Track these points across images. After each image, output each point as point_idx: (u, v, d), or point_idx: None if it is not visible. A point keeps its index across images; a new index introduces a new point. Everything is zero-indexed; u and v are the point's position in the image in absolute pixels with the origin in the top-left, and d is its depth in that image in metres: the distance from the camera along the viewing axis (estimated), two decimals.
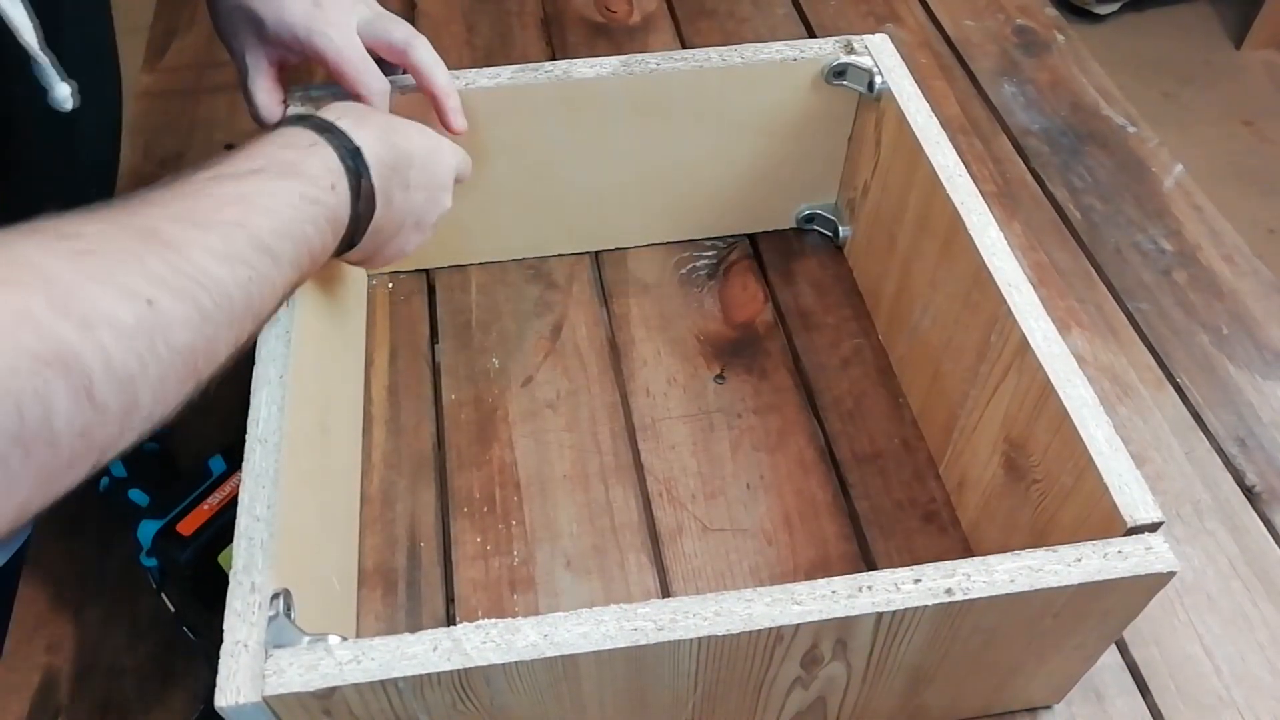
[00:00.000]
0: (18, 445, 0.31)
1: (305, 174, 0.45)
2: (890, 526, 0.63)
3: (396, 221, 0.54)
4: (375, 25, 0.59)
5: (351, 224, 0.49)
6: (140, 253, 0.36)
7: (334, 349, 0.63)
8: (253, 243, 0.40)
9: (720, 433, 0.68)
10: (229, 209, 0.40)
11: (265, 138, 0.46)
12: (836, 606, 0.43)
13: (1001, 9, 1.02)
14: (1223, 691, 0.57)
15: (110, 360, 0.33)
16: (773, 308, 0.76)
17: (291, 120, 0.49)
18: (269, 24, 0.57)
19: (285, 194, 0.43)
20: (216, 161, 0.43)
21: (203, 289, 0.37)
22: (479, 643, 0.41)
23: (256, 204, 0.42)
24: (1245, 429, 0.69)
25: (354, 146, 0.49)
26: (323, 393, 0.58)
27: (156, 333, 0.35)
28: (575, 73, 0.67)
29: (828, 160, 0.76)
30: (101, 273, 0.34)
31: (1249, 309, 0.76)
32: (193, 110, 0.89)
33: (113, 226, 0.37)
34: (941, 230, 0.62)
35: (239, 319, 0.40)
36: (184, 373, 0.37)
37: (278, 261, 0.42)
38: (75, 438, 0.33)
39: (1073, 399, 0.51)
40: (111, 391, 0.33)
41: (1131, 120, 0.90)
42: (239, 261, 0.39)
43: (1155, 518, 0.46)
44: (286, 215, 0.43)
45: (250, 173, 0.43)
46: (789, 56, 0.69)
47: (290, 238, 0.43)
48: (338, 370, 0.63)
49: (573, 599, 0.60)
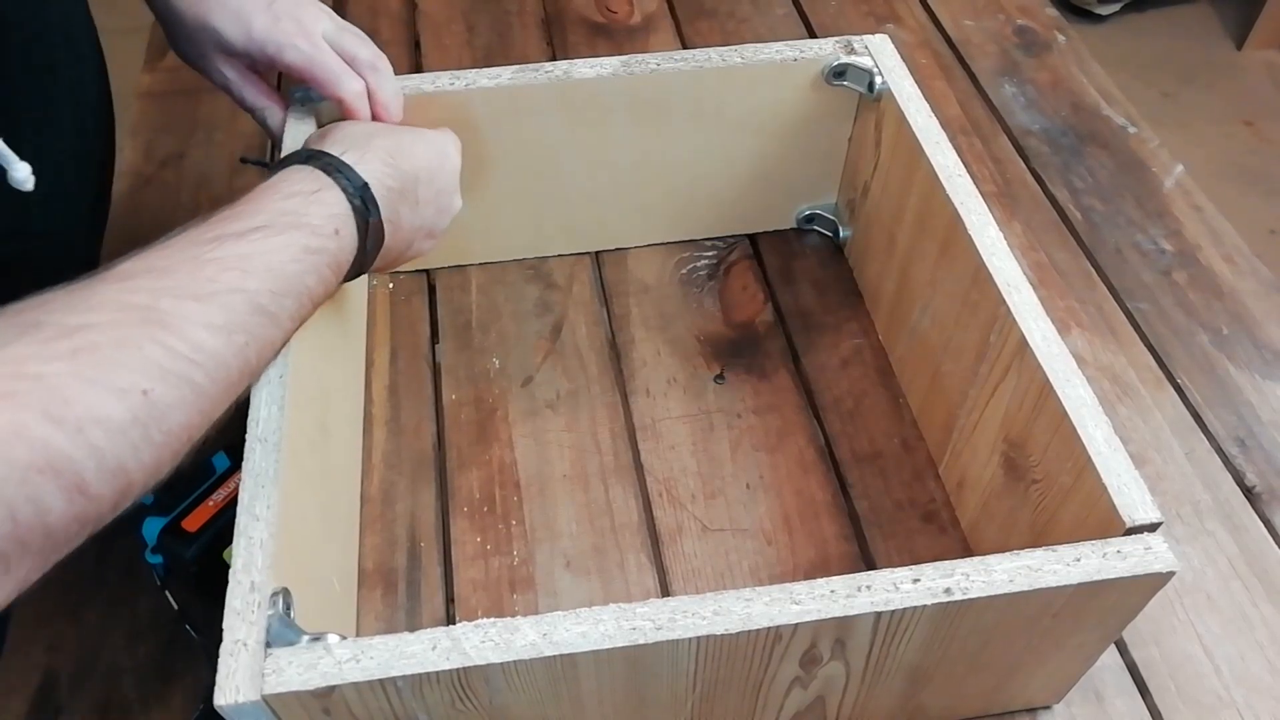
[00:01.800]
0: (15, 543, 0.33)
1: (308, 224, 0.45)
2: (890, 526, 0.63)
3: (406, 240, 0.55)
4: (340, 40, 0.59)
5: (358, 259, 0.49)
6: (139, 340, 0.38)
7: (334, 349, 0.63)
8: (251, 307, 0.42)
9: (720, 433, 0.68)
10: (228, 274, 0.41)
11: (270, 185, 0.47)
12: (835, 606, 0.43)
13: (1002, 9, 1.02)
14: (1222, 692, 0.57)
15: (103, 457, 0.35)
16: (773, 308, 0.76)
17: (297, 158, 0.49)
18: (237, 43, 0.57)
19: (287, 249, 0.44)
20: (220, 217, 0.44)
21: (199, 368, 0.39)
22: (478, 642, 0.41)
23: (257, 265, 0.42)
24: (1245, 429, 0.69)
25: (361, 182, 0.49)
26: (323, 393, 0.58)
27: (151, 422, 0.37)
28: (576, 73, 0.67)
29: (828, 160, 0.76)
30: (98, 372, 0.36)
31: (1249, 309, 0.76)
32: (193, 110, 0.89)
33: (112, 312, 0.38)
34: (941, 230, 0.62)
35: (234, 385, 0.42)
36: (177, 448, 0.39)
37: (276, 320, 0.43)
38: (70, 524, 0.35)
39: (1072, 399, 0.51)
40: (105, 482, 0.36)
41: (1132, 120, 0.90)
42: (237, 330, 0.41)
43: (1154, 518, 0.46)
44: (288, 272, 0.44)
45: (252, 230, 0.43)
46: (789, 57, 0.69)
47: (291, 294, 0.44)
48: (338, 370, 0.63)
49: (572, 599, 0.60)
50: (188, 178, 0.84)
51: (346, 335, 0.67)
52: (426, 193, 0.55)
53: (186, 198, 0.82)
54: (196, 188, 0.83)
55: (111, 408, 0.36)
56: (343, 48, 0.59)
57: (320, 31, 0.58)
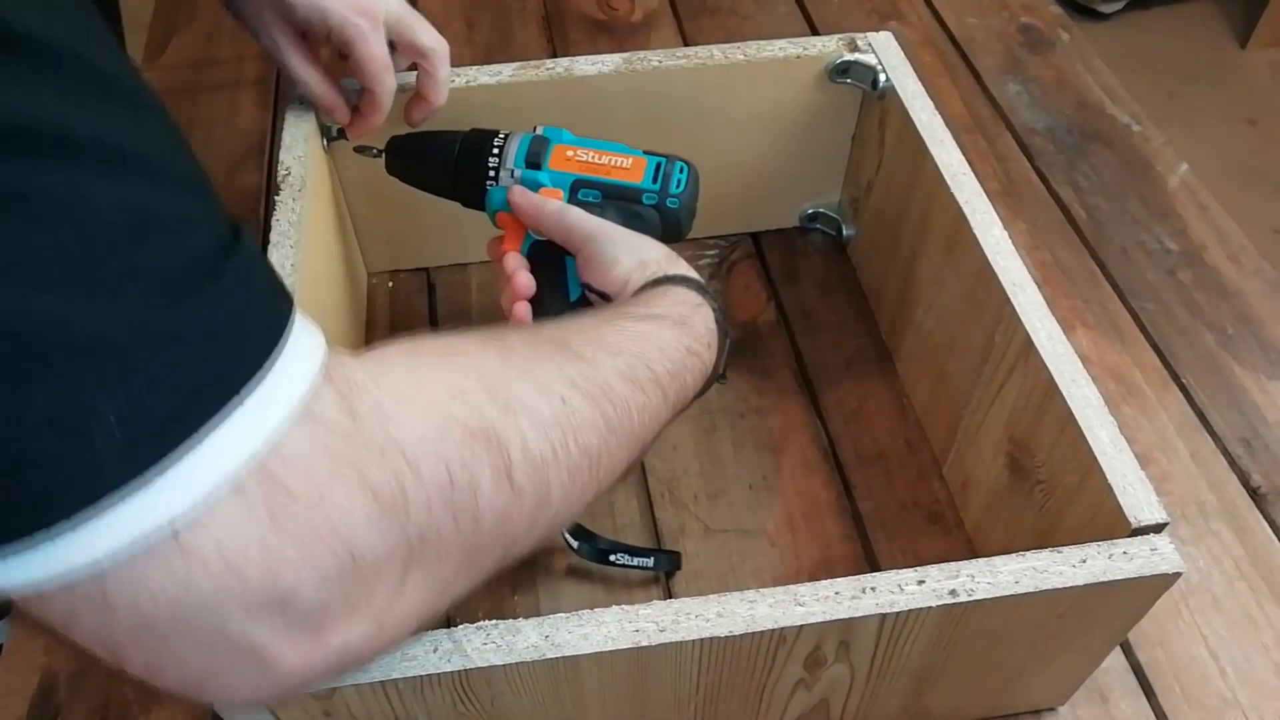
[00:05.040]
0: (448, 510, 0.32)
1: (693, 329, 0.48)
2: (894, 527, 0.63)
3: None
4: (403, 25, 0.59)
5: (712, 375, 0.50)
6: (557, 358, 0.39)
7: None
8: (651, 376, 0.43)
9: (723, 433, 0.67)
10: (631, 344, 0.43)
11: (660, 291, 0.49)
12: (840, 608, 0.43)
13: (1006, 7, 1.01)
14: (1228, 693, 0.57)
15: (528, 445, 0.35)
16: (775, 307, 0.75)
17: (675, 279, 0.51)
18: (299, 6, 0.56)
19: (676, 342, 0.46)
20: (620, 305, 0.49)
21: (609, 401, 0.40)
22: (479, 644, 0.41)
23: (653, 344, 0.44)
24: (1250, 429, 0.68)
25: (721, 306, 0.51)
26: None
27: (568, 430, 0.37)
28: (577, 70, 0.67)
29: (831, 159, 0.76)
30: (524, 368, 0.37)
31: (1254, 309, 0.75)
32: (191, 109, 0.88)
33: (529, 341, 0.40)
34: (945, 229, 0.61)
35: (634, 440, 0.42)
36: (588, 475, 0.38)
37: (666, 398, 0.44)
38: (495, 519, 0.34)
39: (1077, 399, 0.50)
40: (527, 476, 0.35)
41: (1136, 119, 0.90)
42: (639, 388, 0.42)
43: (1160, 518, 0.46)
44: (676, 360, 0.45)
45: (649, 317, 0.46)
46: (792, 54, 0.69)
47: (677, 380, 0.45)
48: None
49: (574, 600, 0.59)
50: None
51: (346, 335, 0.67)
52: None
53: None
54: None
55: (537, 400, 0.36)
56: (403, 34, 0.59)
57: (384, 10, 0.58)
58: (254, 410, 0.27)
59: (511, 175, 0.58)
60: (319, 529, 0.28)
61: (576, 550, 0.59)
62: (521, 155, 0.58)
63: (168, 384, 0.25)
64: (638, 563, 0.59)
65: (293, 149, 0.61)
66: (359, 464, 0.29)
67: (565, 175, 0.57)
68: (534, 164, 0.58)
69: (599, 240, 0.54)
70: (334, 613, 0.29)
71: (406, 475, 0.30)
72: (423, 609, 0.33)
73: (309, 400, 0.28)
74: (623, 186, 0.57)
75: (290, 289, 0.53)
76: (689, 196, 0.58)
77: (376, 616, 0.31)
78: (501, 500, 0.34)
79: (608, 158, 0.58)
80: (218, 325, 0.26)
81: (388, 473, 0.30)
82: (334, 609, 0.29)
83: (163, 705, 0.55)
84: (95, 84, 0.25)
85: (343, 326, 0.66)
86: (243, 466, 0.26)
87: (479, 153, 0.59)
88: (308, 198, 0.59)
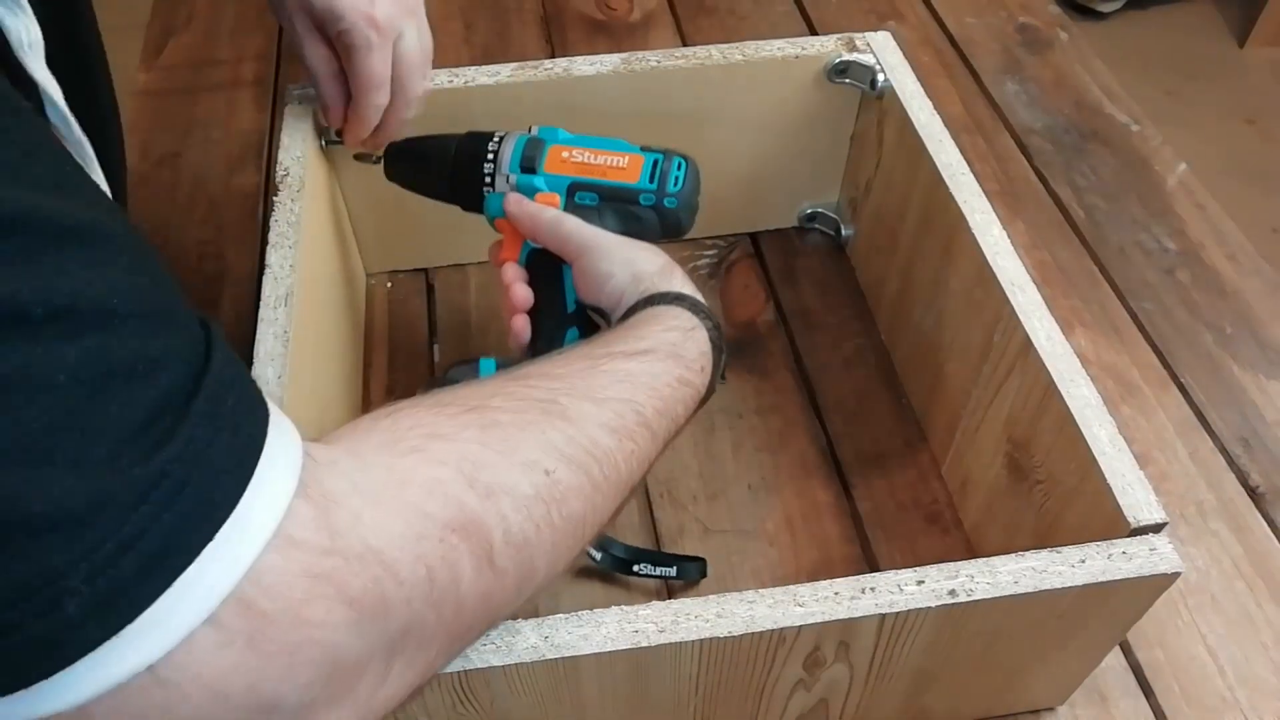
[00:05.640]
0: (430, 607, 0.32)
1: (684, 358, 0.47)
2: (893, 528, 0.63)
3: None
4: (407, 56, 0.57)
5: (706, 395, 0.50)
6: (542, 425, 0.39)
7: (333, 349, 0.63)
8: (639, 420, 0.43)
9: (722, 433, 0.67)
10: (619, 386, 0.43)
11: (653, 315, 0.49)
12: (839, 608, 0.43)
13: (1004, 6, 1.01)
14: (1226, 693, 0.57)
15: (509, 529, 0.35)
16: (774, 307, 0.75)
17: (669, 299, 0.50)
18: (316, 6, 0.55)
19: (666, 375, 0.46)
20: (610, 337, 0.47)
21: (595, 461, 0.40)
22: (479, 645, 0.41)
23: (643, 384, 0.44)
24: (1249, 429, 0.68)
25: (716, 322, 0.51)
26: (321, 394, 0.58)
27: (553, 503, 0.37)
28: (575, 70, 0.67)
29: (830, 158, 0.76)
30: (507, 445, 0.37)
31: (1253, 308, 0.75)
32: (189, 109, 0.88)
33: (516, 400, 0.39)
34: (944, 229, 0.61)
35: (621, 489, 0.42)
36: (574, 539, 0.39)
37: (654, 437, 0.44)
38: (477, 601, 0.34)
39: (1076, 399, 0.50)
40: (510, 557, 0.35)
41: (1135, 118, 0.90)
42: (626, 436, 0.42)
43: (1159, 518, 0.46)
44: (666, 395, 0.45)
45: (640, 353, 0.46)
46: (790, 54, 0.69)
47: (668, 416, 0.45)
48: (337, 370, 0.63)
49: (574, 600, 0.59)
50: (184, 177, 0.83)
51: (346, 335, 0.67)
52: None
53: (183, 197, 0.82)
54: (193, 187, 0.83)
55: (518, 479, 0.36)
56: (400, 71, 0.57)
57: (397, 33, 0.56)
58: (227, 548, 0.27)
59: (507, 180, 0.57)
60: (299, 645, 0.29)
61: (598, 562, 0.58)
62: (516, 159, 0.57)
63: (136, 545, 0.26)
64: (660, 572, 0.58)
65: (291, 149, 0.61)
66: (337, 578, 0.30)
67: (561, 178, 0.57)
68: (529, 168, 0.57)
69: (593, 254, 0.53)
70: (319, 708, 0.30)
71: (386, 581, 0.31)
72: (407, 689, 0.34)
73: (285, 524, 0.29)
74: (619, 188, 0.56)
75: (289, 290, 0.53)
76: (688, 193, 0.57)
77: (359, 708, 0.32)
78: (483, 584, 0.34)
79: (604, 157, 0.57)
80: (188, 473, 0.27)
81: (367, 581, 0.30)
82: (319, 706, 0.30)
83: None
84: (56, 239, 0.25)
85: (342, 327, 0.66)
86: (219, 604, 0.27)
87: (474, 158, 0.58)
88: (306, 198, 0.59)
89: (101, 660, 0.26)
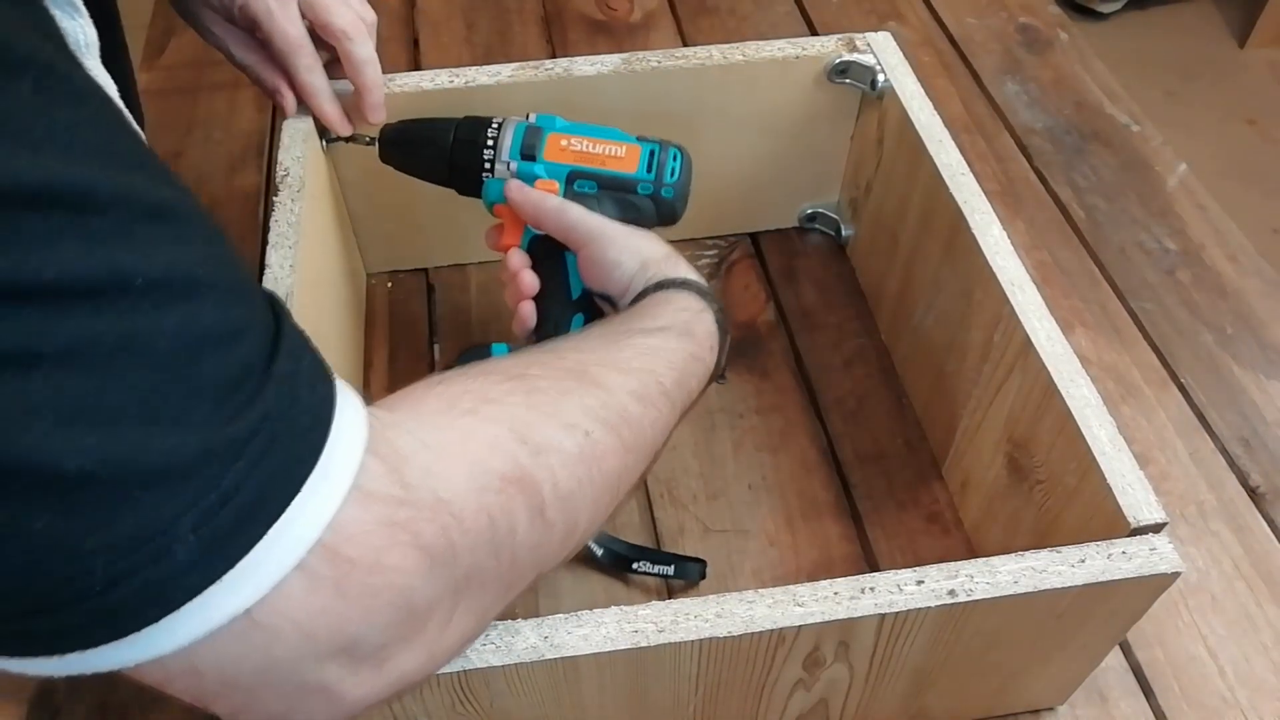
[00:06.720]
0: (490, 555, 0.35)
1: (695, 336, 0.50)
2: (893, 527, 0.63)
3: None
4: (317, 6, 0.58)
5: (713, 375, 0.52)
6: (578, 391, 0.41)
7: (334, 349, 0.63)
8: (660, 389, 0.45)
9: (722, 433, 0.67)
10: (641, 359, 0.46)
11: (664, 298, 0.51)
12: (839, 608, 0.43)
13: (1004, 7, 1.01)
14: (1226, 693, 0.57)
15: (558, 483, 0.37)
16: (775, 307, 0.75)
17: (676, 284, 0.52)
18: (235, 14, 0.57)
19: (681, 352, 0.48)
20: (629, 315, 0.50)
21: (626, 424, 0.42)
22: (478, 645, 0.41)
23: (661, 357, 0.47)
24: (1249, 429, 0.68)
25: (720, 305, 0.53)
26: None
27: (592, 461, 0.39)
28: (576, 70, 0.67)
29: (830, 159, 0.76)
30: (550, 409, 0.39)
31: (1253, 308, 0.75)
32: (190, 109, 0.88)
33: (552, 370, 0.42)
34: (944, 229, 0.61)
35: (648, 453, 0.45)
36: (610, 497, 0.42)
37: (674, 407, 0.46)
38: (530, 551, 0.37)
39: (1076, 399, 0.50)
40: (558, 510, 0.38)
41: (1135, 119, 0.90)
42: (650, 404, 0.44)
43: (1159, 518, 0.46)
44: (682, 369, 0.48)
45: (658, 329, 0.48)
46: (791, 54, 0.69)
47: (684, 389, 0.48)
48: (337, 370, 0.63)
49: (574, 600, 0.59)
50: (186, 177, 0.83)
51: (346, 335, 0.67)
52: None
53: None
54: (194, 186, 0.81)
55: (562, 438, 0.39)
56: (318, 15, 0.58)
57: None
58: (312, 499, 0.29)
59: (507, 167, 0.58)
60: (379, 589, 0.31)
61: (599, 558, 0.58)
62: (517, 146, 0.58)
63: (235, 496, 0.28)
64: (659, 570, 0.59)
65: (291, 149, 0.61)
66: (411, 527, 0.32)
67: (561, 167, 0.57)
68: (529, 155, 0.57)
69: (600, 242, 0.55)
70: (393, 649, 0.33)
71: (453, 529, 0.33)
72: (467, 633, 0.36)
73: (360, 478, 0.31)
74: (618, 177, 0.57)
75: (289, 290, 0.53)
76: (683, 184, 0.58)
77: (429, 647, 0.34)
78: (536, 535, 0.37)
79: (602, 146, 0.57)
80: (275, 429, 0.29)
81: (437, 529, 0.33)
82: (393, 646, 0.33)
83: (160, 707, 0.55)
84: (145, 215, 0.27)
85: (342, 327, 0.66)
86: (307, 551, 0.29)
87: (474, 143, 0.58)
88: (306, 198, 0.59)
89: (204, 605, 0.28)
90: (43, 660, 0.28)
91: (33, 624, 0.27)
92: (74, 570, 0.26)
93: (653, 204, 0.57)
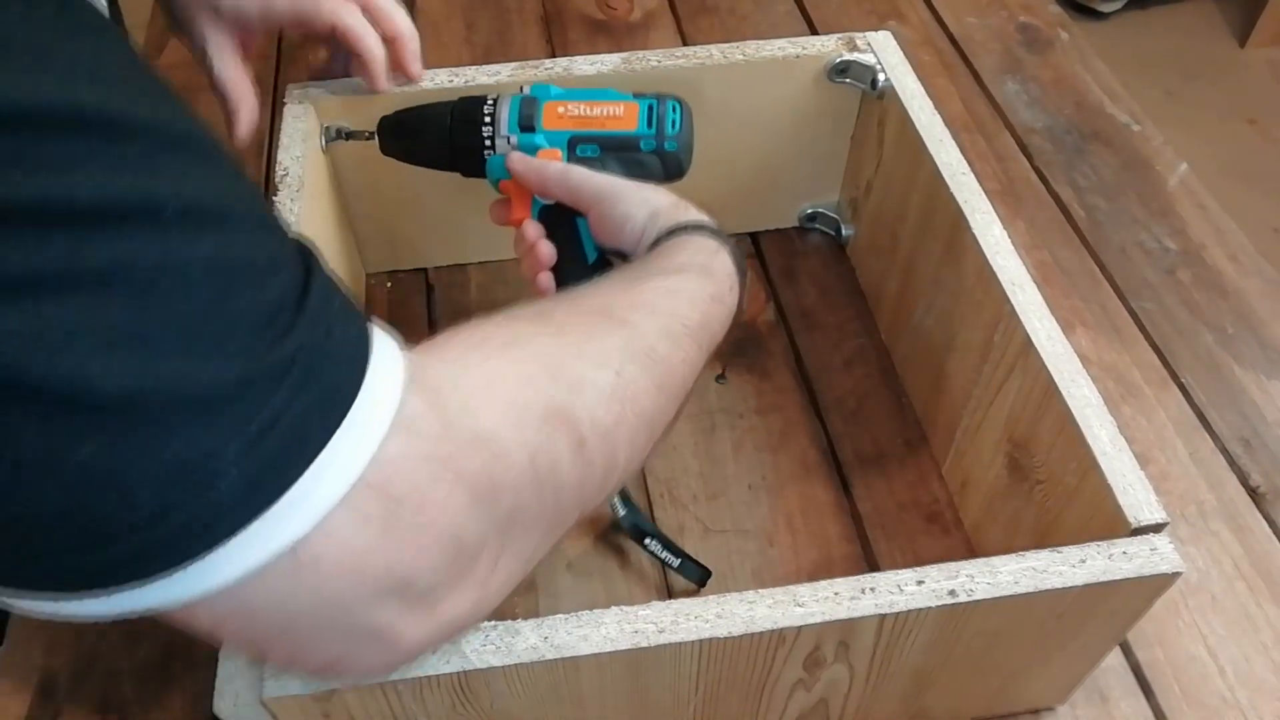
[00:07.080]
0: (533, 492, 0.35)
1: (715, 275, 0.49)
2: (893, 527, 0.63)
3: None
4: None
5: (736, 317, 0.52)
6: (606, 330, 0.41)
7: None
8: (686, 330, 0.45)
9: (722, 433, 0.67)
10: (664, 300, 0.45)
11: (680, 242, 0.50)
12: (839, 608, 0.43)
13: (1005, 6, 1.01)
14: (1226, 693, 0.57)
15: (596, 419, 0.37)
16: (775, 307, 0.75)
17: (689, 228, 0.51)
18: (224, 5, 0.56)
19: (703, 292, 0.48)
20: (646, 259, 0.50)
21: (655, 363, 0.42)
22: (478, 645, 0.41)
23: (684, 298, 0.46)
24: (1250, 429, 0.68)
25: (735, 245, 0.52)
26: None
27: (627, 400, 0.39)
28: (576, 70, 0.67)
29: (830, 158, 0.76)
30: (579, 347, 0.39)
31: (1254, 308, 0.75)
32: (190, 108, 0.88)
33: (578, 312, 0.42)
34: (945, 229, 0.61)
35: (679, 393, 0.45)
36: (646, 435, 0.41)
37: (700, 348, 0.46)
38: (573, 489, 0.37)
39: (1076, 399, 0.50)
40: (597, 448, 0.37)
41: (1135, 118, 0.90)
42: (678, 344, 0.44)
43: (1159, 518, 0.46)
44: (704, 309, 0.47)
45: (675, 270, 0.48)
46: (791, 54, 0.69)
47: (707, 329, 0.47)
48: None
49: (574, 600, 0.59)
50: None
51: None
52: None
53: None
54: None
55: (595, 375, 0.38)
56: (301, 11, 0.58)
57: None
58: (355, 433, 0.29)
59: (508, 141, 0.57)
60: (426, 527, 0.31)
61: (620, 519, 0.58)
62: (514, 119, 0.57)
63: (276, 426, 0.27)
64: (665, 557, 0.59)
65: (290, 149, 0.61)
66: (453, 463, 0.32)
67: (561, 133, 0.57)
68: (528, 126, 0.57)
69: (608, 199, 0.54)
70: (445, 589, 0.32)
71: (495, 465, 0.33)
72: (514, 575, 0.36)
73: (401, 413, 0.30)
74: (620, 136, 0.57)
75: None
76: (685, 135, 0.58)
77: (479, 587, 0.34)
78: (578, 472, 0.37)
79: (600, 108, 0.57)
80: (312, 361, 0.28)
81: (479, 465, 0.32)
82: (444, 586, 0.32)
83: (161, 706, 0.55)
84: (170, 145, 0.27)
85: None
86: (351, 486, 0.29)
87: (471, 123, 0.58)
88: (306, 198, 0.59)
89: (248, 541, 0.27)
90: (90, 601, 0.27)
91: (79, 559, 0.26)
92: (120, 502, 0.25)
93: (658, 159, 0.57)
